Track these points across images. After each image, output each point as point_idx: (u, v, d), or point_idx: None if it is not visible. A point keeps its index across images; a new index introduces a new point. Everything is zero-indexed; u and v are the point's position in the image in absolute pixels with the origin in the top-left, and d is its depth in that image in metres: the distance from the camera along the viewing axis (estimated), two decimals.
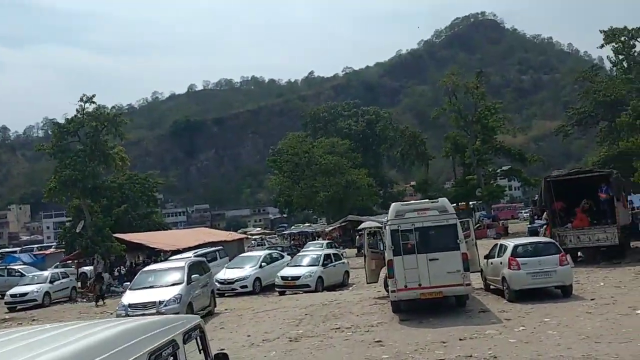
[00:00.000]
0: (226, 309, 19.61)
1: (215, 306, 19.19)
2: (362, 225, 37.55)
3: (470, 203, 60.54)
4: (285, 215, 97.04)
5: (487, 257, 17.74)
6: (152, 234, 41.95)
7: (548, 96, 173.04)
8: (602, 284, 17.89)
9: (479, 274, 18.36)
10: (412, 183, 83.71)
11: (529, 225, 35.77)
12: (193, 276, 17.44)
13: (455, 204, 62.20)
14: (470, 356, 10.80)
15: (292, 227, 71.55)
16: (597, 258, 23.58)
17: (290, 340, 13.48)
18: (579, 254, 24.41)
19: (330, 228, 46.06)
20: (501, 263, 16.37)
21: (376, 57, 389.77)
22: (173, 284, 16.83)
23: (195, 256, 24.42)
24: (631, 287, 16.73)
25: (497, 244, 17.83)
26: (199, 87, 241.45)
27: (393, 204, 16.39)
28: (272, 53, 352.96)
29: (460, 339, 12.13)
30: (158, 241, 35.03)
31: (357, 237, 38.34)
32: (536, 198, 29.90)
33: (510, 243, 16.87)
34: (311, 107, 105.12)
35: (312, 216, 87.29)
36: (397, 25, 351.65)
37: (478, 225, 49.81)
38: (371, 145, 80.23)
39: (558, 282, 15.86)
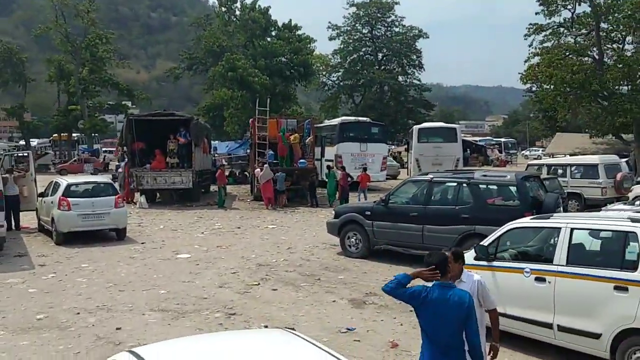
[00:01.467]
0: None
1: None
2: None
3: (74, 135, 56.71)
4: None
5: (41, 195, 16.06)
6: None
7: (175, 38, 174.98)
8: (162, 227, 18.06)
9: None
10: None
11: (117, 164, 34.99)
12: None
13: (56, 134, 57.57)
14: None
15: None
16: (174, 200, 24.21)
17: None
18: (157, 195, 24.74)
19: None
20: (52, 202, 14.91)
21: None
22: None
23: None
24: (187, 231, 17.26)
25: (52, 182, 16.19)
26: None
27: None
28: None
29: None
30: None
31: None
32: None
33: (64, 181, 15.48)
34: None
35: None
36: None
37: (75, 159, 47.02)
38: None
39: (111, 225, 15.28)
